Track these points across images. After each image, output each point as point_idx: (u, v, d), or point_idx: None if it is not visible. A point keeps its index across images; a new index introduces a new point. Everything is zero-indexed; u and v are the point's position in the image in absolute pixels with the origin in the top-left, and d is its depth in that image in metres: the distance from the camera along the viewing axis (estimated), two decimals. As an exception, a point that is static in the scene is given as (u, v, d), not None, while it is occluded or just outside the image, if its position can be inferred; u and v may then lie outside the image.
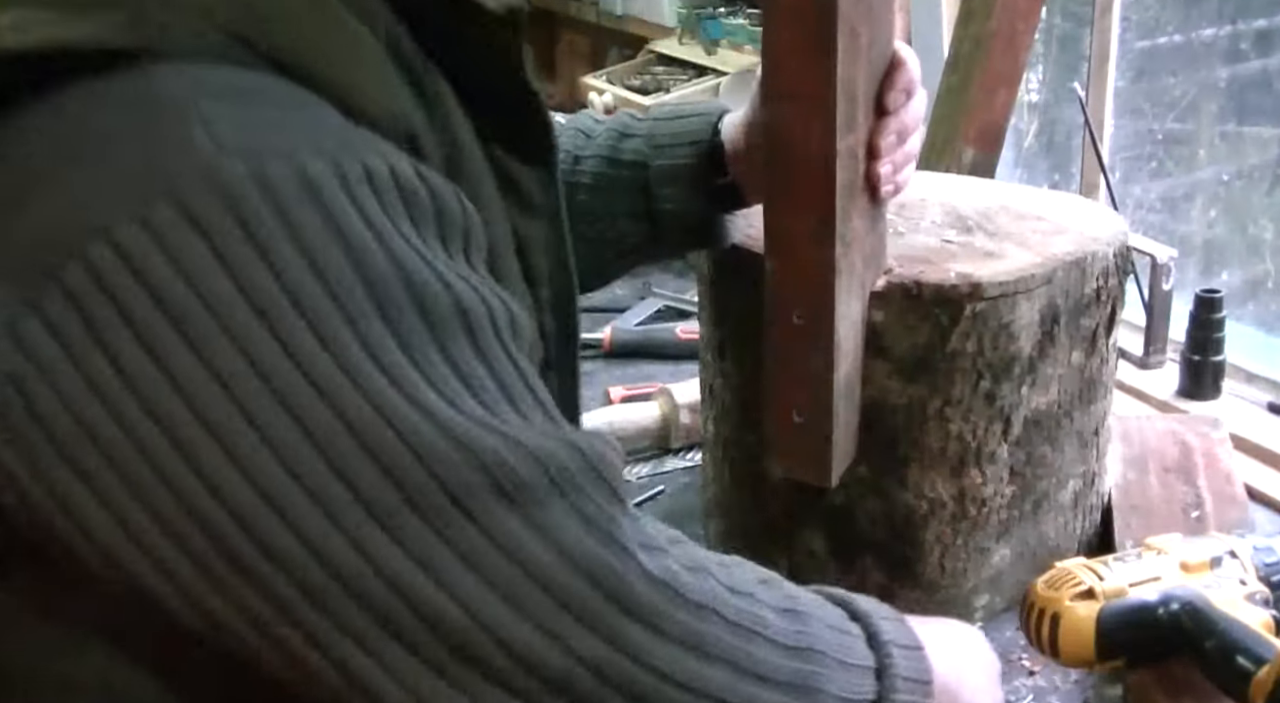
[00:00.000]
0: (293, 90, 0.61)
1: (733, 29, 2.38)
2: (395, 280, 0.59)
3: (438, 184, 0.64)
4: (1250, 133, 2.02)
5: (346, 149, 0.60)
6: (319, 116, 0.61)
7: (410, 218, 0.61)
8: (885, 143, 0.98)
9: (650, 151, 1.08)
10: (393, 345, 0.58)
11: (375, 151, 0.61)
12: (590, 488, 0.62)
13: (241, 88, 0.59)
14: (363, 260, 0.58)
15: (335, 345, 0.57)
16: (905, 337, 1.05)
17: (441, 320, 0.61)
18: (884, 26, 0.96)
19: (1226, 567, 0.96)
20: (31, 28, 0.57)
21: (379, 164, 0.61)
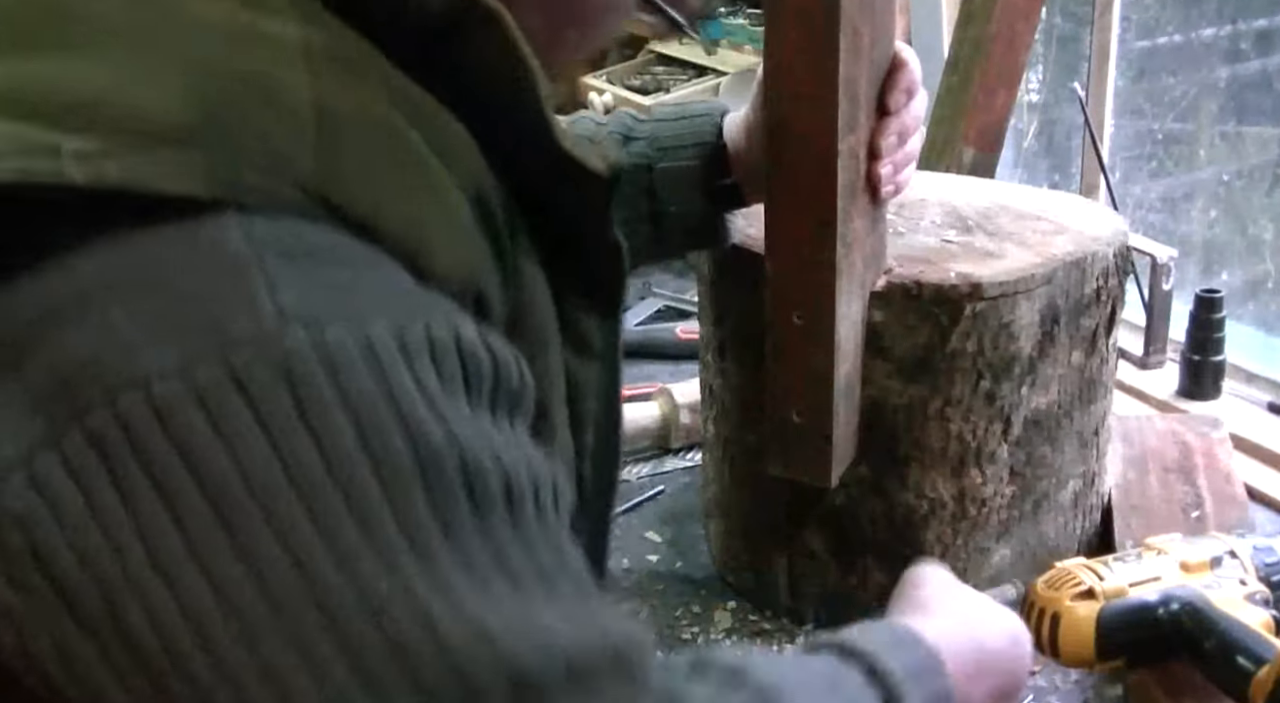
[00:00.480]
0: (364, 250, 0.57)
1: (733, 29, 2.38)
2: (448, 459, 0.55)
3: (499, 350, 0.60)
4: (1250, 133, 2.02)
5: (412, 315, 0.56)
6: (388, 279, 0.57)
7: (467, 388, 0.58)
8: (886, 143, 0.98)
9: (654, 154, 1.09)
10: (436, 534, 0.54)
11: (441, 317, 0.58)
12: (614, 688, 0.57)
13: (312, 246, 0.55)
14: (418, 438, 0.54)
15: (376, 536, 0.52)
16: (905, 337, 1.05)
17: (487, 501, 0.57)
18: (886, 27, 0.96)
19: (1226, 567, 0.96)
20: (97, 159, 0.52)
21: (443, 331, 0.57)
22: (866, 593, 1.13)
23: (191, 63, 0.54)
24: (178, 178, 0.52)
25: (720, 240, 1.12)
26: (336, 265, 0.55)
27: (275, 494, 0.50)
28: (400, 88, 0.60)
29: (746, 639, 1.15)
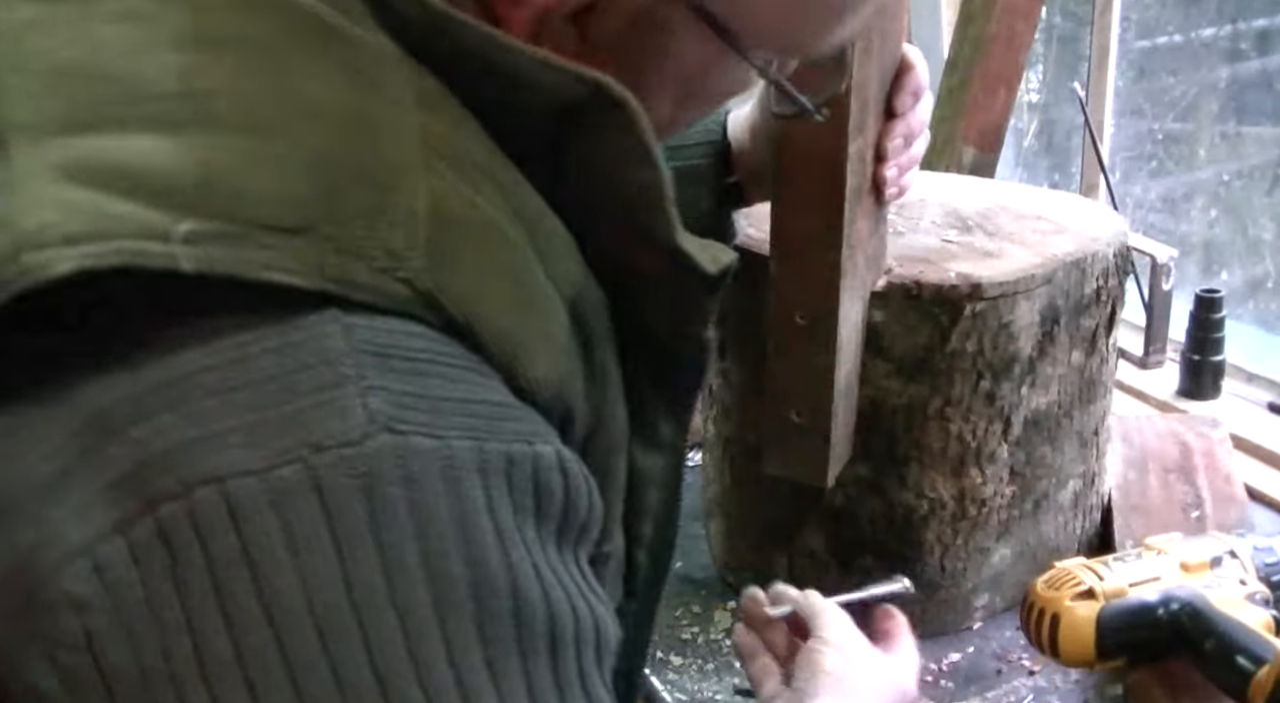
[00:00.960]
0: (466, 358, 0.55)
1: (733, 29, 2.38)
2: (504, 591, 0.53)
3: (574, 475, 0.58)
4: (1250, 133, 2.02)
5: (497, 435, 0.54)
6: (483, 392, 0.55)
7: (536, 517, 0.55)
8: (892, 146, 0.98)
9: (665, 153, 1.08)
10: (480, 664, 0.53)
11: (525, 438, 0.56)
12: None
13: (411, 350, 0.53)
14: (480, 565, 0.52)
15: (423, 662, 0.51)
16: (905, 337, 1.05)
17: (532, 636, 0.55)
18: (894, 29, 0.96)
19: (1226, 567, 0.96)
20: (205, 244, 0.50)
21: (524, 454, 0.55)
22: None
23: (308, 149, 0.53)
24: (288, 269, 0.50)
25: (725, 241, 1.12)
26: (435, 376, 0.53)
27: (333, 612, 0.49)
28: (512, 185, 0.59)
29: (746, 639, 1.15)
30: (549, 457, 0.56)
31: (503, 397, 0.56)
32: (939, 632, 1.14)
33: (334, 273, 0.51)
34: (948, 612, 1.14)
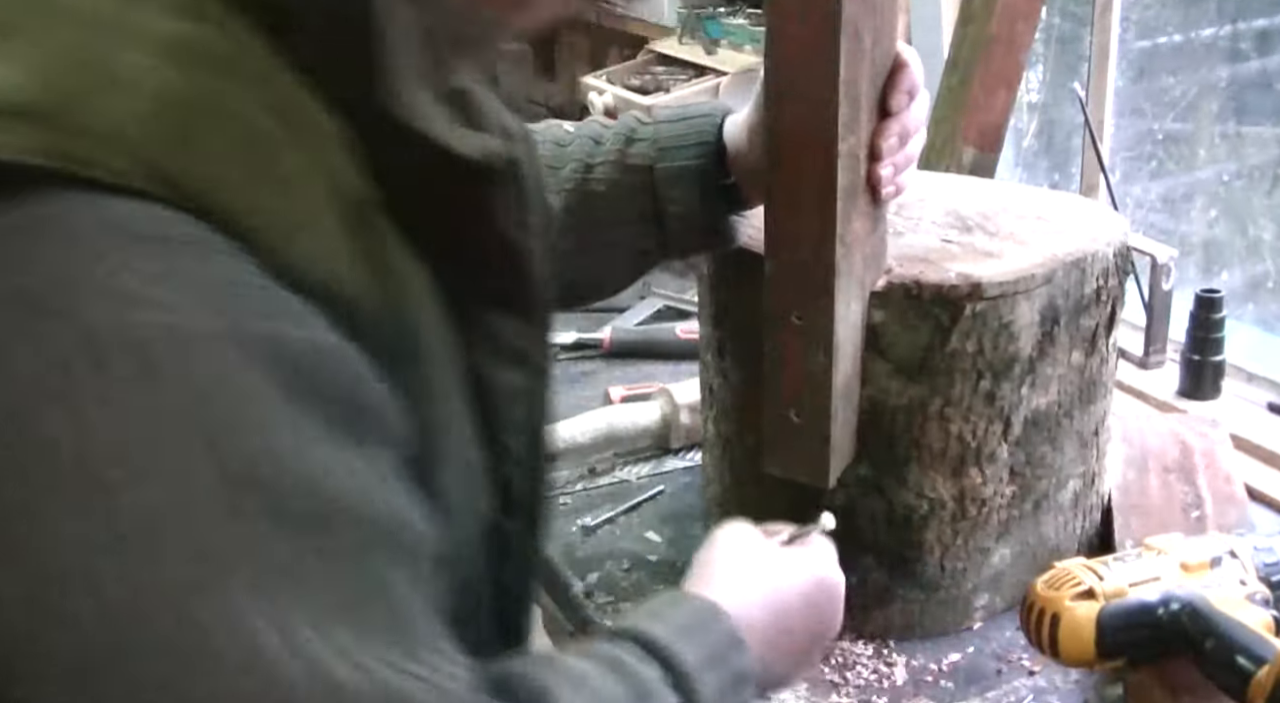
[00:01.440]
0: (212, 239, 0.56)
1: (733, 29, 2.38)
2: (258, 463, 0.55)
3: (340, 362, 0.59)
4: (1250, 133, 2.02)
5: (248, 314, 0.56)
6: (231, 273, 0.57)
7: (298, 397, 0.57)
8: (887, 145, 0.98)
9: (656, 155, 1.08)
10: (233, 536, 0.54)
11: (286, 319, 0.57)
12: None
13: (154, 232, 0.55)
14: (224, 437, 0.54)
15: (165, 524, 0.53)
16: (905, 337, 1.05)
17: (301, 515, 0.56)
18: (887, 28, 0.96)
19: (1226, 567, 0.96)
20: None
21: (274, 333, 0.57)
22: (866, 593, 1.13)
23: (46, 45, 0.56)
24: (19, 148, 0.53)
25: (726, 243, 1.12)
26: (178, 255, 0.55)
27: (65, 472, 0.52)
28: (280, 88, 0.60)
29: (746, 639, 1.15)
30: (310, 342, 0.58)
31: (254, 278, 0.57)
32: (939, 632, 1.14)
33: (63, 150, 0.53)
34: (948, 612, 1.14)
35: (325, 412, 0.59)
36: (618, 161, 1.10)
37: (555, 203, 1.08)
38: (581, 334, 1.77)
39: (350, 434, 0.60)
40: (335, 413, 0.59)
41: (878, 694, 1.07)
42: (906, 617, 1.13)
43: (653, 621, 0.78)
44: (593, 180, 1.10)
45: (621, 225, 1.10)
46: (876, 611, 1.14)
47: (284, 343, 0.57)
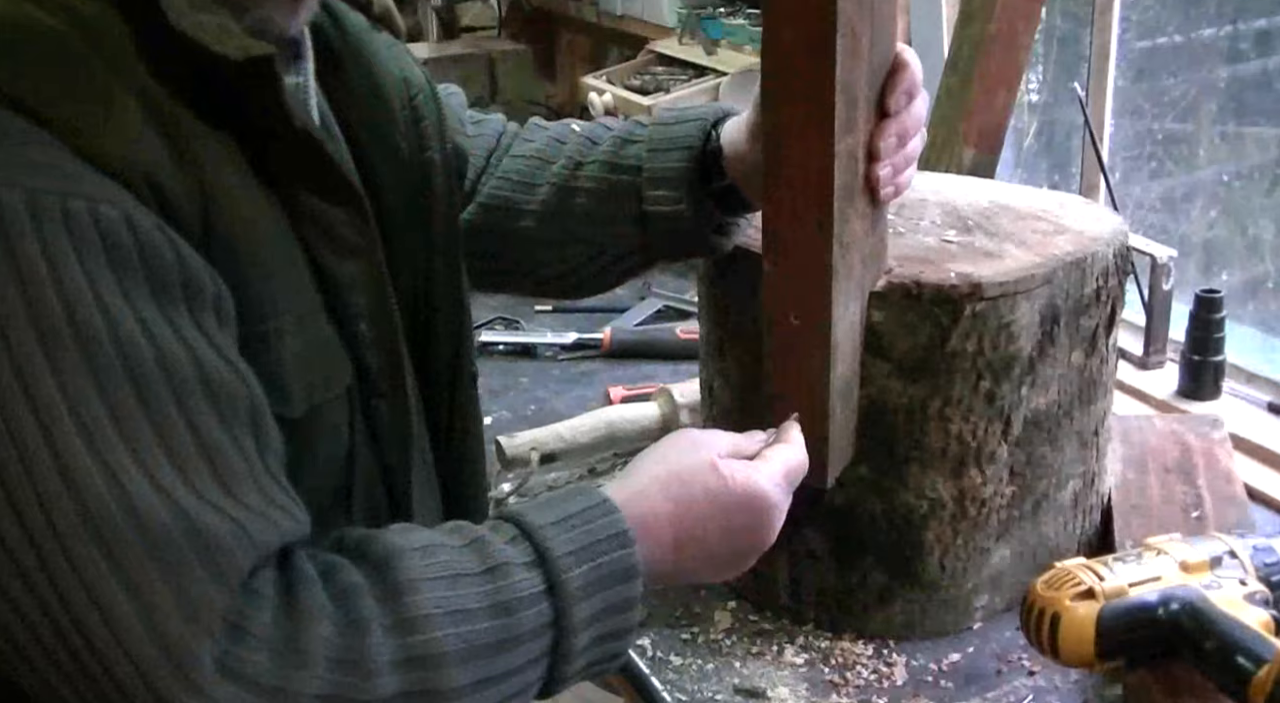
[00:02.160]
0: (24, 126, 0.69)
1: (733, 29, 2.38)
2: (62, 317, 0.67)
3: (148, 234, 0.71)
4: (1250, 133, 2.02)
5: (50, 189, 0.68)
6: (41, 153, 0.69)
7: (109, 263, 0.69)
8: (885, 145, 0.98)
9: (646, 156, 1.09)
10: (46, 377, 0.66)
11: (86, 195, 0.69)
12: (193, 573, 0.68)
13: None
14: (33, 296, 0.66)
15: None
16: (905, 337, 1.05)
17: (106, 362, 0.68)
18: (886, 28, 0.96)
19: (1226, 567, 0.96)
20: None
21: (81, 206, 0.68)
22: (866, 593, 1.13)
23: None
24: None
25: (713, 247, 1.11)
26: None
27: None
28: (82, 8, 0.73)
29: (746, 639, 1.15)
30: (111, 212, 0.69)
31: (67, 161, 0.69)
32: (939, 632, 1.14)
33: None
34: (948, 612, 1.14)
35: (145, 276, 0.70)
36: (609, 161, 1.11)
37: (541, 194, 1.14)
38: (581, 334, 1.78)
39: (169, 298, 0.71)
40: (154, 278, 0.71)
41: (878, 694, 1.07)
42: (906, 617, 1.13)
43: (538, 509, 0.83)
44: (580, 177, 1.12)
45: (605, 224, 1.11)
46: (876, 611, 1.14)
47: (97, 214, 0.69)
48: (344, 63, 0.97)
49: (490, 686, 0.76)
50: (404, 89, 1.01)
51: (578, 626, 0.79)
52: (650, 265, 1.17)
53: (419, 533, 0.80)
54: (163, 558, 0.68)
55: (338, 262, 0.87)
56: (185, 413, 0.71)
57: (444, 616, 0.74)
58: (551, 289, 1.23)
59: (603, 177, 1.11)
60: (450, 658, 0.74)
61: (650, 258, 1.14)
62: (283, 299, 0.82)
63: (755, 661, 1.12)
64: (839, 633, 1.15)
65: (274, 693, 0.69)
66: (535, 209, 1.14)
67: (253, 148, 0.81)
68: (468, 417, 1.05)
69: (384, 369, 0.91)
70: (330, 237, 0.86)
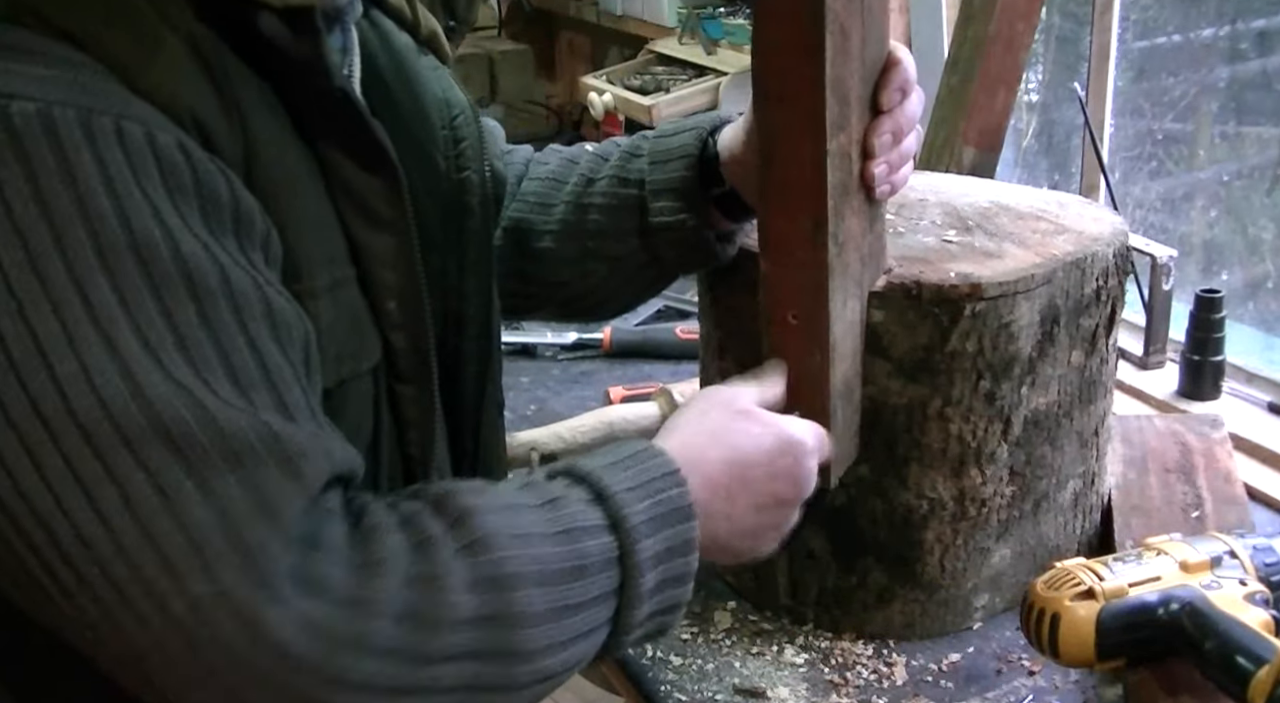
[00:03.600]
0: (76, 55, 0.70)
1: (733, 29, 2.38)
2: (119, 228, 0.67)
3: (201, 161, 0.71)
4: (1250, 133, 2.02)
5: (105, 110, 0.68)
6: (92, 79, 0.70)
7: (164, 184, 0.69)
8: (880, 142, 0.98)
9: (649, 169, 1.09)
10: (106, 290, 0.66)
11: (140, 119, 0.69)
12: (271, 476, 0.68)
13: (23, 46, 0.70)
14: (90, 208, 0.67)
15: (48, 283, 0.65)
16: (905, 337, 1.05)
17: (166, 276, 0.68)
18: (877, 26, 0.96)
19: (1226, 567, 0.96)
20: None
21: (135, 128, 0.69)
22: (866, 593, 1.13)
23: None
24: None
25: (717, 256, 1.11)
26: (41, 64, 0.69)
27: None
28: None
29: (746, 639, 1.15)
30: (165, 136, 0.70)
31: (120, 90, 0.71)
32: (939, 632, 1.14)
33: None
34: (948, 612, 1.14)
35: (199, 203, 0.71)
36: (617, 176, 1.12)
37: (557, 214, 1.15)
38: (581, 334, 1.77)
39: (222, 227, 0.72)
40: (208, 206, 0.71)
41: (878, 694, 1.07)
42: (906, 617, 1.13)
43: (589, 458, 0.83)
44: (592, 194, 1.13)
45: (617, 238, 1.12)
46: (876, 611, 1.14)
47: (152, 137, 0.69)
48: (387, 79, 0.97)
49: (565, 616, 0.75)
50: (446, 109, 1.01)
51: (645, 564, 0.78)
52: (667, 280, 1.16)
53: (468, 481, 0.79)
54: (240, 461, 0.66)
55: (370, 233, 0.86)
56: (247, 335, 0.70)
57: (512, 537, 0.73)
58: (575, 310, 1.23)
59: (611, 191, 1.12)
60: (523, 579, 0.73)
61: (664, 271, 1.14)
62: (318, 261, 0.82)
63: (755, 661, 1.12)
64: (839, 633, 1.15)
65: (352, 606, 0.67)
66: (553, 228, 1.15)
67: (291, 104, 0.81)
68: (491, 446, 1.05)
69: (410, 352, 0.90)
70: (363, 207, 0.85)
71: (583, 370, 1.73)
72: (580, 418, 1.46)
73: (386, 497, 0.76)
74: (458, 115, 1.02)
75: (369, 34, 0.96)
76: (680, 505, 0.81)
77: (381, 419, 0.89)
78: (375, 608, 0.68)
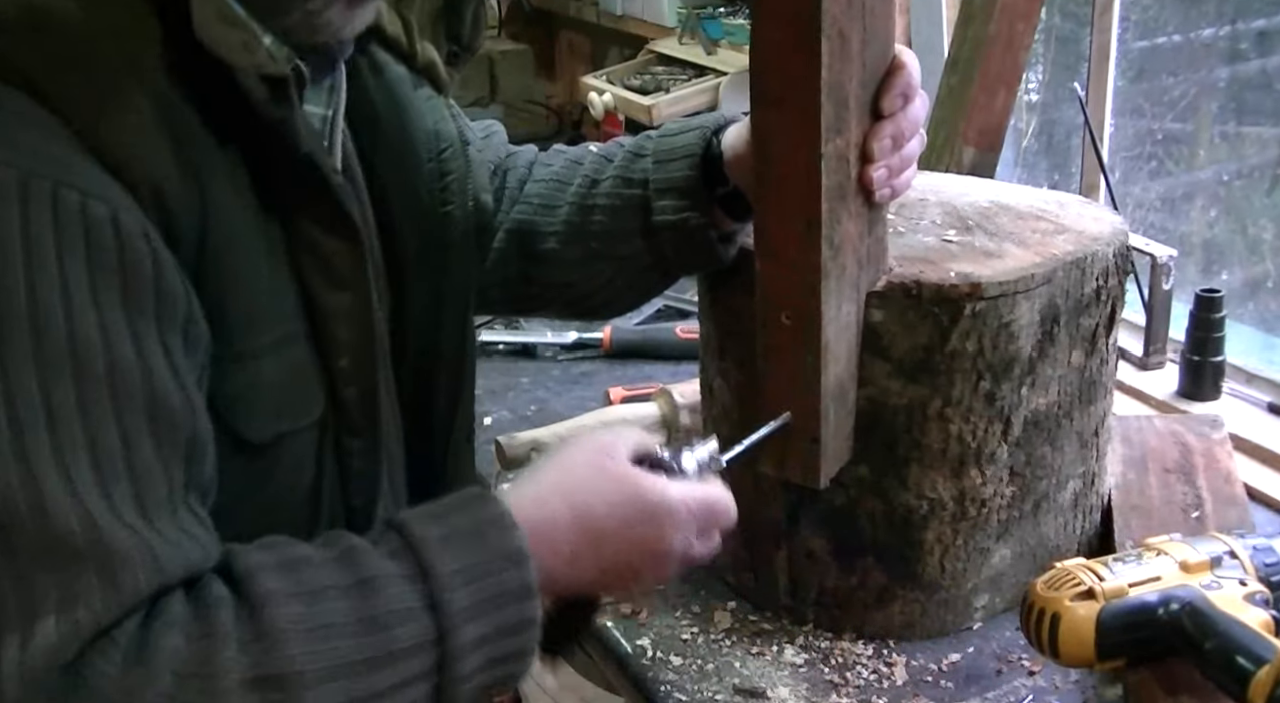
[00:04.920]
0: (34, 111, 0.70)
1: (733, 29, 2.38)
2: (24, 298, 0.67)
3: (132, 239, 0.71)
4: (1250, 133, 2.02)
5: (46, 175, 0.68)
6: (42, 139, 0.69)
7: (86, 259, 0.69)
8: (880, 147, 0.97)
9: (653, 168, 1.09)
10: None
11: (80, 187, 0.69)
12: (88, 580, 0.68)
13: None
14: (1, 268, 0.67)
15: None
16: (905, 337, 1.05)
17: (56, 353, 0.68)
18: (880, 29, 0.96)
19: (1226, 567, 0.96)
20: None
21: (72, 196, 0.68)
22: (866, 593, 1.13)
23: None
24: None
25: (720, 255, 1.10)
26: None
27: None
28: (114, 7, 0.75)
29: (746, 639, 1.15)
30: (99, 209, 0.69)
31: (68, 150, 0.70)
32: (939, 632, 1.14)
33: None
34: (948, 612, 1.14)
35: (120, 282, 0.70)
36: (621, 177, 1.12)
37: (561, 215, 1.15)
38: (581, 334, 1.77)
39: (138, 309, 0.71)
40: (128, 286, 0.70)
41: (878, 694, 1.07)
42: (906, 617, 1.13)
43: (430, 520, 0.79)
44: (596, 195, 1.13)
45: (622, 239, 1.12)
46: (876, 611, 1.14)
47: (85, 208, 0.69)
48: (378, 111, 0.97)
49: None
50: (434, 142, 1.02)
51: (465, 648, 0.76)
52: (670, 279, 1.16)
53: (286, 548, 0.77)
54: (57, 557, 0.67)
55: (329, 292, 0.87)
56: (121, 427, 0.70)
57: (306, 632, 0.71)
58: (580, 310, 1.23)
59: (616, 192, 1.12)
60: (313, 676, 0.71)
61: (668, 271, 1.14)
62: (265, 321, 0.82)
63: (755, 661, 1.12)
64: (839, 633, 1.15)
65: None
66: (557, 230, 1.15)
67: (257, 168, 0.81)
68: (459, 472, 1.05)
69: (360, 406, 0.90)
70: (324, 267, 0.86)
71: (583, 370, 1.73)
72: (580, 418, 1.46)
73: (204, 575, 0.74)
74: (446, 149, 1.03)
75: (362, 65, 0.96)
76: (516, 586, 0.78)
77: (325, 471, 0.89)
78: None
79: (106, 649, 0.67)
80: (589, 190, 1.14)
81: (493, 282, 1.14)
